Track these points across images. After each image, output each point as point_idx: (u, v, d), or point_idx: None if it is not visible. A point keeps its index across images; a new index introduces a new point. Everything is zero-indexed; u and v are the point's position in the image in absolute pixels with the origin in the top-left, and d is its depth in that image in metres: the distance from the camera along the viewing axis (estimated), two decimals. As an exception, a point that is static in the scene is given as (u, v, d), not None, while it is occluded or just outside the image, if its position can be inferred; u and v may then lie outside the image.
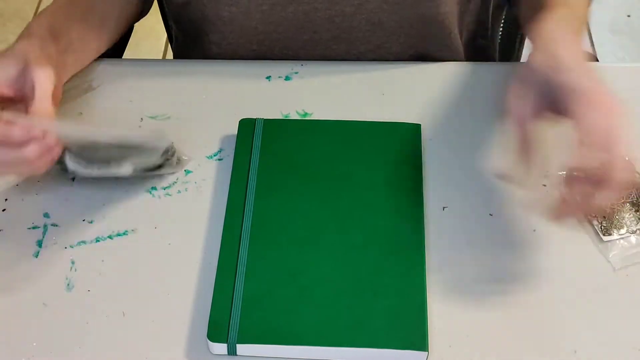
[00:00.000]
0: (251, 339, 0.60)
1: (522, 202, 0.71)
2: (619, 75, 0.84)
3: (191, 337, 0.62)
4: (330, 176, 0.71)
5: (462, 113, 0.79)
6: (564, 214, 0.62)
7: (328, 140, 0.73)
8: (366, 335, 0.60)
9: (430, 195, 0.71)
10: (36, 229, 0.69)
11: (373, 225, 0.67)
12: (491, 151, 0.76)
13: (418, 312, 0.61)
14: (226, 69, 0.84)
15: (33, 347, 0.62)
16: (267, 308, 0.61)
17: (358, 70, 0.83)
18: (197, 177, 0.74)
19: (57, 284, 0.66)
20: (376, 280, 0.63)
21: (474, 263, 0.67)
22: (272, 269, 0.64)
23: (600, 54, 2.08)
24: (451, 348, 0.61)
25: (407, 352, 0.59)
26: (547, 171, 0.74)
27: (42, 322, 0.63)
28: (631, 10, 2.20)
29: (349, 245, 0.65)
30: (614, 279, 0.66)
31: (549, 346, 0.62)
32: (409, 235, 0.66)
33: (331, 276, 0.63)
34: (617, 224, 0.69)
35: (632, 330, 0.63)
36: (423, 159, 0.73)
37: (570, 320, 0.63)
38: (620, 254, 0.67)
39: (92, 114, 0.79)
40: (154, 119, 0.79)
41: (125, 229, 0.70)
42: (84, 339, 0.62)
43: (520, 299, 0.64)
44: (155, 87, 0.82)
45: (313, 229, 0.67)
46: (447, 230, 0.69)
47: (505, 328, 0.63)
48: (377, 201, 0.69)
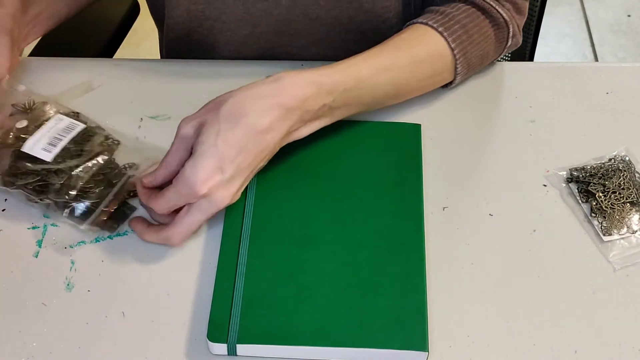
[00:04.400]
0: (251, 339, 0.60)
1: (522, 202, 0.71)
2: (619, 75, 0.84)
3: (191, 337, 0.62)
4: (330, 176, 0.71)
5: (462, 113, 0.79)
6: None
7: (328, 140, 0.73)
8: (366, 336, 0.60)
9: (430, 195, 0.71)
10: (36, 229, 0.69)
11: (373, 225, 0.67)
12: (491, 151, 0.76)
13: (418, 312, 0.61)
14: (226, 69, 0.84)
15: (33, 347, 0.62)
16: (267, 308, 0.61)
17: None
18: (197, 177, 0.73)
19: (57, 284, 0.66)
20: (376, 280, 0.63)
21: (474, 263, 0.67)
22: (272, 269, 0.64)
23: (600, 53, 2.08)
24: (451, 348, 0.61)
25: (408, 353, 0.59)
26: (547, 171, 0.74)
27: (42, 322, 0.63)
28: (631, 10, 2.20)
29: (349, 245, 0.65)
30: (614, 279, 0.66)
31: (549, 346, 0.62)
32: (409, 235, 0.66)
33: (331, 276, 0.63)
34: (617, 224, 0.69)
35: (632, 331, 0.63)
36: (423, 159, 0.73)
37: (571, 320, 0.63)
38: (621, 254, 0.67)
39: (92, 114, 0.79)
40: (154, 119, 0.79)
41: (125, 229, 0.70)
42: (83, 339, 0.62)
43: (521, 299, 0.64)
44: (156, 87, 0.82)
45: (313, 229, 0.67)
46: (447, 230, 0.69)
47: (505, 328, 0.63)
48: (377, 201, 0.69)
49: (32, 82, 0.82)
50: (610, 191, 0.70)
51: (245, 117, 0.64)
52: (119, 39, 1.06)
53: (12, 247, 0.68)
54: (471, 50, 0.76)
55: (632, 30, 2.15)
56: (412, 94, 0.77)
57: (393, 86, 0.74)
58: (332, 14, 0.82)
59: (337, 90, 0.68)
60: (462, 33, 0.75)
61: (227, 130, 0.63)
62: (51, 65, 0.85)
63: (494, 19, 0.77)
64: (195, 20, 0.84)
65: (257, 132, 0.64)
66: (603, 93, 0.82)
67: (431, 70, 0.76)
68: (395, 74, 0.73)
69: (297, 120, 0.66)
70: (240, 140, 0.63)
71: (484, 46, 0.78)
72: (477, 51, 0.77)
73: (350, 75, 0.70)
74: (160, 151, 0.69)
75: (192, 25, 0.85)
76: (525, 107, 0.80)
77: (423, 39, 0.75)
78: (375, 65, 0.72)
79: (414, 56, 0.74)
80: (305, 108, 0.66)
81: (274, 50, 0.86)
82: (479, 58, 0.78)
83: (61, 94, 0.81)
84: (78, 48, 1.00)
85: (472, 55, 0.77)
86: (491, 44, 0.78)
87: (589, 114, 0.79)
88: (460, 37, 0.75)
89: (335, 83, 0.68)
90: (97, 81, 0.83)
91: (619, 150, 0.74)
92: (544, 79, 0.83)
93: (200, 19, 0.84)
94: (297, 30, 0.84)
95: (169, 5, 0.84)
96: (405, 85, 0.75)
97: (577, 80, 0.83)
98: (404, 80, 0.74)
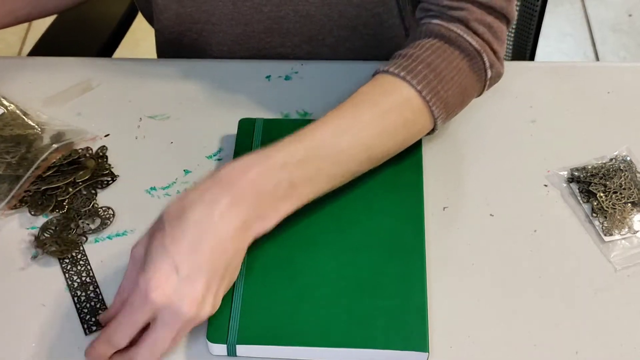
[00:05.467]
0: (251, 339, 0.60)
1: (523, 202, 0.71)
2: (620, 75, 0.84)
3: (191, 338, 0.62)
4: (330, 176, 0.70)
5: (463, 113, 0.79)
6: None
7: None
8: (366, 336, 0.60)
9: (430, 195, 0.71)
10: (35, 229, 0.69)
11: (373, 226, 0.67)
12: (492, 151, 0.76)
13: (418, 313, 0.61)
14: (226, 68, 0.84)
15: (32, 348, 0.61)
16: (266, 309, 0.61)
17: (358, 70, 0.83)
18: (197, 177, 0.73)
19: (57, 284, 0.65)
20: (376, 281, 0.63)
21: (474, 263, 0.67)
22: (272, 269, 0.64)
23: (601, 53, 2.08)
24: (452, 349, 0.61)
25: (408, 353, 0.59)
26: (548, 171, 0.74)
27: (41, 323, 0.63)
28: (632, 10, 2.20)
29: (349, 245, 0.65)
30: (615, 280, 0.66)
31: (550, 347, 0.61)
32: (409, 235, 0.66)
33: (331, 277, 0.63)
34: (618, 224, 0.68)
35: (633, 331, 0.62)
36: (423, 159, 0.73)
37: (572, 321, 0.63)
38: (622, 254, 0.67)
39: (91, 114, 0.79)
40: (152, 118, 0.79)
41: (125, 229, 0.69)
42: (83, 339, 0.62)
43: (522, 299, 0.64)
44: (154, 86, 0.82)
45: (313, 230, 0.66)
46: (447, 230, 0.69)
47: (506, 329, 0.62)
48: (377, 201, 0.68)
49: (31, 81, 0.82)
50: (611, 191, 0.70)
51: (190, 211, 0.57)
52: (118, 38, 1.06)
53: (11, 247, 0.68)
54: (444, 88, 0.68)
55: (633, 29, 2.14)
56: (389, 153, 0.68)
57: (361, 148, 0.65)
58: (322, 11, 0.82)
59: (290, 163, 0.60)
60: (428, 72, 0.67)
61: (173, 229, 0.56)
62: (50, 64, 0.85)
63: (463, 49, 0.69)
64: (184, 24, 0.84)
65: (206, 225, 0.56)
66: (604, 92, 0.81)
67: (401, 119, 0.67)
68: (358, 132, 0.64)
69: (252, 206, 0.58)
70: (190, 236, 0.56)
71: (459, 81, 0.69)
72: (453, 88, 0.69)
73: (302, 143, 0.62)
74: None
75: (182, 29, 0.84)
76: (526, 106, 0.80)
77: (385, 88, 0.67)
78: (330, 128, 0.64)
79: (377, 108, 0.66)
80: (257, 189, 0.59)
81: (267, 51, 0.86)
82: (458, 95, 0.70)
83: (60, 93, 0.81)
84: (77, 47, 1.00)
85: (447, 94, 0.68)
86: (467, 77, 0.70)
87: (590, 114, 0.79)
88: (426, 77, 0.67)
89: (286, 155, 0.60)
90: (96, 81, 0.82)
91: (620, 150, 0.74)
92: (545, 78, 0.83)
93: (188, 23, 0.84)
94: (288, 29, 0.84)
95: (157, 9, 0.83)
96: (376, 145, 0.66)
97: (578, 80, 0.83)
98: (372, 138, 0.65)
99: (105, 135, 0.77)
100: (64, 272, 0.65)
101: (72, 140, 0.74)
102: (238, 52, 0.86)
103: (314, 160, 0.62)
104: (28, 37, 2.13)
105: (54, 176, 0.71)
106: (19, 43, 2.12)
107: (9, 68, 0.84)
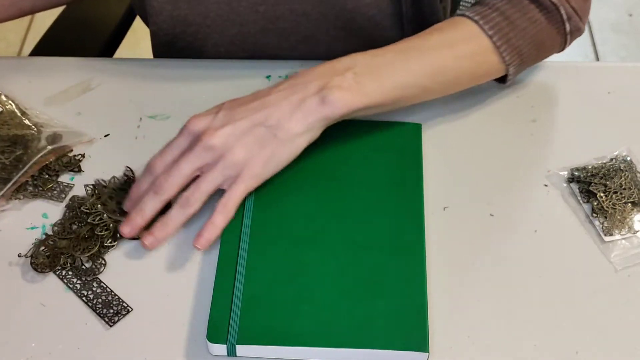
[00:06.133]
0: (251, 339, 0.60)
1: (523, 202, 0.71)
2: (620, 75, 0.84)
3: (191, 338, 0.62)
4: (330, 176, 0.70)
5: (463, 113, 0.79)
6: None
7: (328, 140, 0.73)
8: (366, 336, 0.60)
9: (430, 195, 0.71)
10: (35, 229, 0.69)
11: (373, 226, 0.67)
12: (492, 151, 0.76)
13: (418, 313, 0.61)
14: (226, 68, 0.84)
15: (32, 348, 0.61)
16: (267, 309, 0.61)
17: (358, 69, 0.83)
18: (197, 177, 0.73)
19: (57, 284, 0.65)
20: (376, 281, 0.63)
21: (474, 263, 0.67)
22: (272, 269, 0.64)
23: (601, 53, 2.08)
24: (452, 349, 0.61)
25: (408, 353, 0.59)
26: (548, 171, 0.74)
27: (41, 323, 0.63)
28: (633, 10, 2.20)
29: (349, 245, 0.65)
30: (615, 280, 0.66)
31: (550, 347, 0.61)
32: (409, 235, 0.66)
33: (331, 277, 0.63)
34: (619, 225, 0.68)
35: (634, 331, 0.62)
36: (423, 159, 0.73)
37: (572, 321, 0.63)
38: (622, 254, 0.67)
39: (91, 114, 0.79)
40: (153, 118, 0.79)
41: (125, 229, 0.69)
42: (83, 339, 0.62)
43: (522, 299, 0.64)
44: (155, 86, 0.82)
45: (313, 229, 0.66)
46: (447, 230, 0.69)
47: (506, 329, 0.62)
48: (378, 201, 0.68)
49: (31, 81, 0.82)
50: (611, 191, 0.70)
51: (267, 96, 0.66)
52: (118, 38, 1.06)
53: (10, 247, 0.68)
54: (516, 36, 0.72)
55: (634, 29, 2.14)
56: (459, 81, 0.73)
57: (427, 63, 0.71)
58: (318, 9, 0.82)
59: (356, 65, 0.68)
60: (501, 20, 0.72)
61: (240, 99, 0.66)
62: (50, 64, 0.85)
63: (539, 3, 0.73)
64: (179, 26, 0.84)
65: (270, 105, 0.66)
66: (604, 93, 0.81)
67: (468, 50, 0.72)
68: (426, 51, 0.71)
69: (319, 81, 0.67)
70: (250, 103, 0.65)
71: (533, 32, 0.73)
72: (526, 38, 0.73)
73: (369, 54, 0.70)
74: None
75: (176, 32, 0.84)
76: (527, 106, 0.80)
77: (457, 27, 0.73)
78: (398, 46, 0.71)
79: (445, 36, 0.72)
80: (322, 71, 0.68)
81: (263, 52, 0.86)
82: (532, 45, 0.73)
83: (60, 93, 0.81)
84: (77, 47, 1.00)
85: (519, 43, 0.72)
86: (543, 30, 0.73)
87: (590, 114, 0.79)
88: (499, 24, 0.72)
89: (350, 61, 0.68)
90: (96, 81, 0.82)
91: (620, 150, 0.74)
92: (546, 78, 0.83)
93: (183, 25, 0.83)
94: (284, 28, 0.84)
95: (151, 11, 0.83)
96: (442, 65, 0.71)
97: (579, 80, 0.83)
98: (438, 58, 0.71)
99: (105, 135, 0.77)
100: (60, 278, 0.65)
101: (68, 143, 0.74)
102: (234, 54, 0.86)
103: (380, 67, 0.68)
104: (28, 37, 2.13)
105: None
106: (19, 42, 2.12)
107: (9, 68, 0.84)
